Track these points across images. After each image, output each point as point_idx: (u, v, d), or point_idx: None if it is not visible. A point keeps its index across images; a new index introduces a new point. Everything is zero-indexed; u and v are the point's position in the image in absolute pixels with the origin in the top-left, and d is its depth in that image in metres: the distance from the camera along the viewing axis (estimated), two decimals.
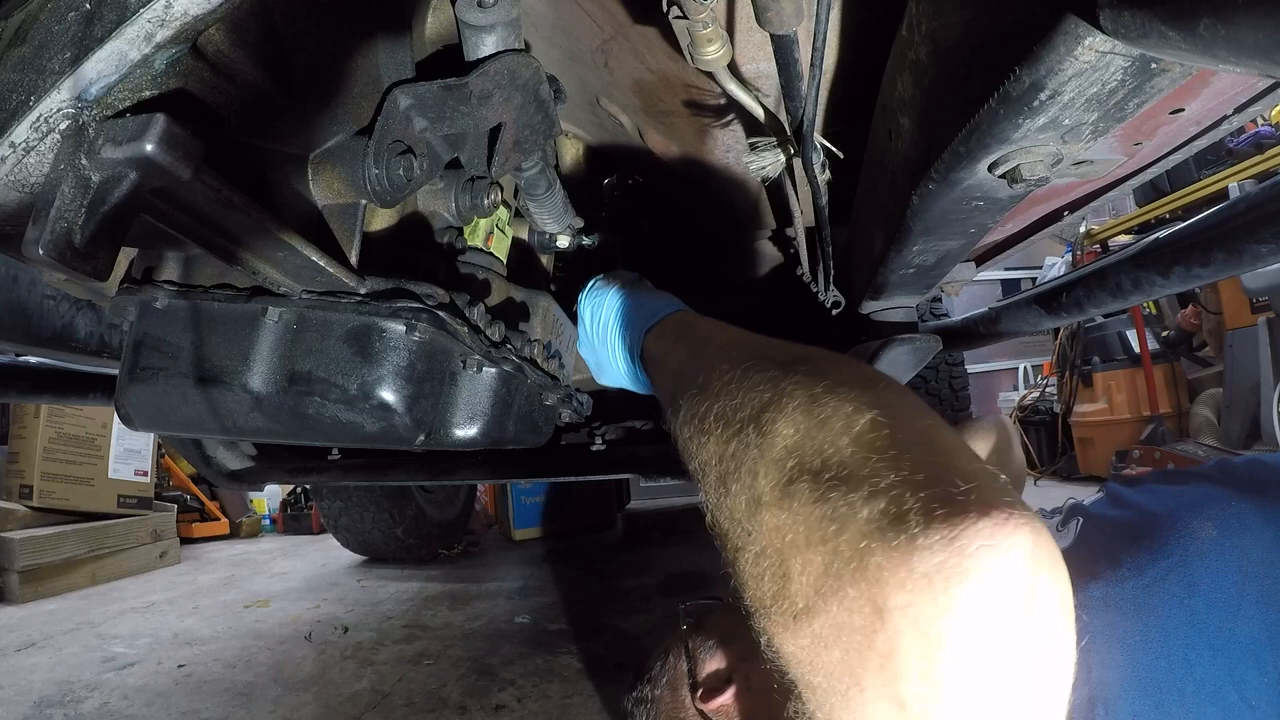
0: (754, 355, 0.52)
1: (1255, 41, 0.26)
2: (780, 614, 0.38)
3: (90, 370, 1.31)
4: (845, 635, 0.35)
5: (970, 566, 0.32)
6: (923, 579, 0.33)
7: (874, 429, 0.40)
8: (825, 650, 0.36)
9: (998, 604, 0.32)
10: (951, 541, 0.33)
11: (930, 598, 0.32)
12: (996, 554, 0.32)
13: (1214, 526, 0.69)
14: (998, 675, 0.33)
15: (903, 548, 0.34)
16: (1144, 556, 0.69)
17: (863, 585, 0.34)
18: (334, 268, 0.58)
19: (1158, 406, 4.24)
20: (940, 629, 0.32)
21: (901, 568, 0.33)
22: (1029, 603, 0.33)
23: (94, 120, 0.42)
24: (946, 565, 0.32)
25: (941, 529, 0.33)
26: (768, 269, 1.48)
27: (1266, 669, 0.60)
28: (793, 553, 0.38)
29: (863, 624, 0.34)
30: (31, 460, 2.98)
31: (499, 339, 0.72)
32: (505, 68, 0.65)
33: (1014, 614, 0.33)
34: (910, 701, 0.33)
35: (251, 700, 1.61)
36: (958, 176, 0.58)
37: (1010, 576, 0.33)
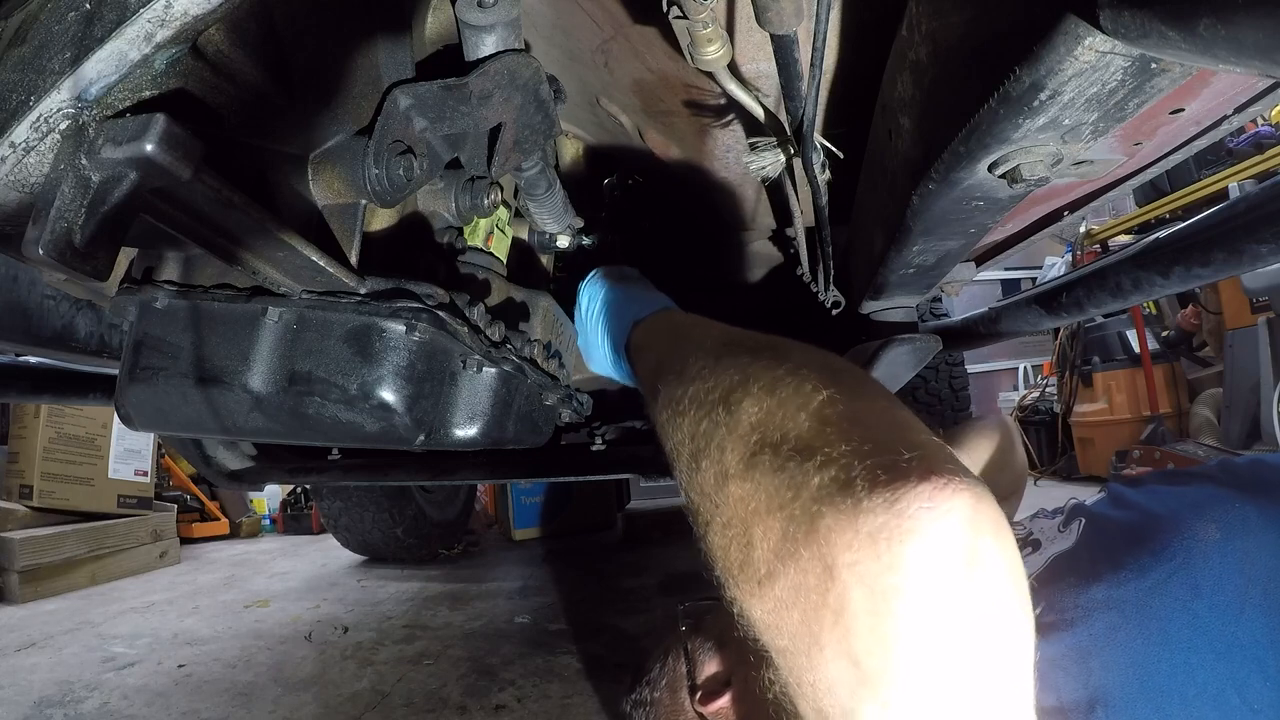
0: (727, 343, 0.55)
1: (1255, 41, 0.26)
2: (746, 581, 0.41)
3: (90, 370, 1.31)
4: (802, 595, 0.37)
5: (910, 527, 0.34)
6: (867, 538, 0.35)
7: (829, 405, 0.43)
8: (786, 612, 0.38)
9: (937, 563, 0.34)
10: (893, 504, 0.35)
11: (874, 555, 0.34)
12: (935, 516, 0.34)
13: (1217, 529, 0.68)
14: (941, 630, 0.34)
15: (849, 510, 0.36)
16: (1146, 558, 0.69)
17: (814, 546, 0.36)
18: (334, 268, 0.58)
19: (1158, 406, 4.24)
20: (884, 585, 0.34)
21: (848, 529, 0.35)
22: (969, 562, 0.35)
23: (94, 120, 0.42)
24: (888, 526, 0.35)
25: (884, 493, 0.35)
26: (768, 269, 1.48)
27: (1269, 672, 0.60)
28: (755, 520, 0.40)
29: (816, 583, 0.36)
30: (31, 460, 2.99)
31: (499, 339, 0.72)
32: (505, 68, 0.65)
33: (953, 572, 0.34)
34: (863, 657, 0.35)
35: (251, 700, 1.61)
36: (958, 176, 0.58)
37: (949, 537, 0.34)
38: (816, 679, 0.37)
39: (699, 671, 0.91)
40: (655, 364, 0.66)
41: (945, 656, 0.34)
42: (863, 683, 0.35)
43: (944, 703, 0.34)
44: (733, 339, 0.56)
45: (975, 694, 0.35)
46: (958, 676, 0.34)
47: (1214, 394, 4.10)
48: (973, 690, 0.35)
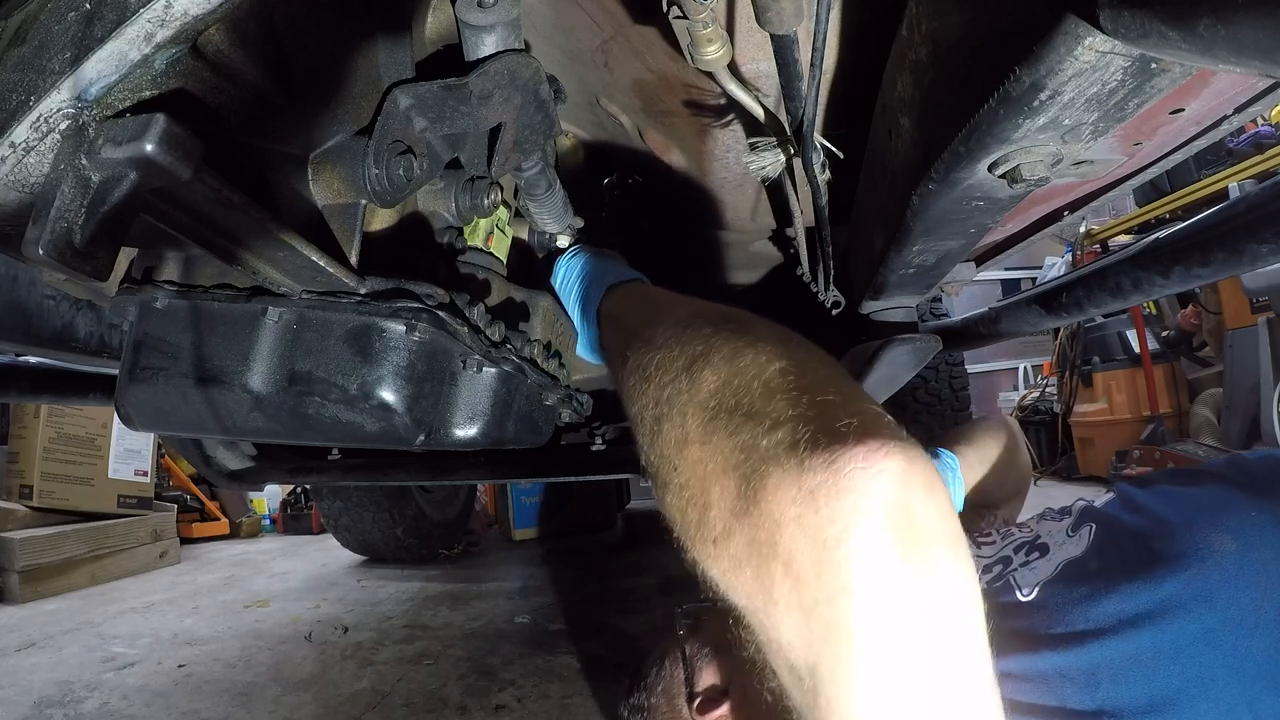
0: (694, 314, 0.58)
1: (1255, 41, 0.26)
2: (704, 541, 0.44)
3: (90, 370, 1.31)
4: (754, 550, 0.40)
5: (845, 485, 0.38)
6: (808, 494, 0.38)
7: (781, 375, 0.46)
8: (740, 570, 0.41)
9: (870, 516, 0.37)
10: (831, 464, 0.38)
11: (814, 509, 0.38)
12: (868, 475, 0.38)
13: (1233, 539, 0.67)
14: (880, 578, 0.37)
15: (794, 469, 0.39)
16: (1160, 569, 0.68)
17: (764, 503, 0.40)
18: (334, 268, 0.58)
19: (1158, 406, 4.24)
20: (825, 536, 0.37)
21: (793, 485, 0.39)
22: (901, 517, 0.38)
23: (94, 120, 0.42)
24: (826, 483, 0.38)
25: (824, 454, 0.39)
26: (768, 269, 1.48)
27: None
28: (712, 480, 0.43)
29: (766, 537, 0.39)
30: (31, 460, 2.98)
31: (499, 339, 0.72)
32: (505, 68, 0.65)
33: (884, 527, 0.37)
34: (811, 608, 0.37)
35: (251, 700, 1.61)
36: (958, 176, 0.58)
37: (880, 494, 0.38)
38: (779, 636, 0.39)
39: (697, 678, 0.90)
40: (625, 331, 0.68)
41: (888, 604, 0.36)
42: (816, 635, 0.37)
43: (893, 649, 0.36)
44: (700, 311, 0.58)
45: (920, 637, 0.37)
46: (901, 621, 0.36)
47: (1214, 394, 4.10)
48: (918, 634, 0.37)
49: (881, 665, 0.36)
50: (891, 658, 0.36)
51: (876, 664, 0.36)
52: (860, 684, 0.36)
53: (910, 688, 0.36)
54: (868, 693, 0.36)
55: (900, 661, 0.36)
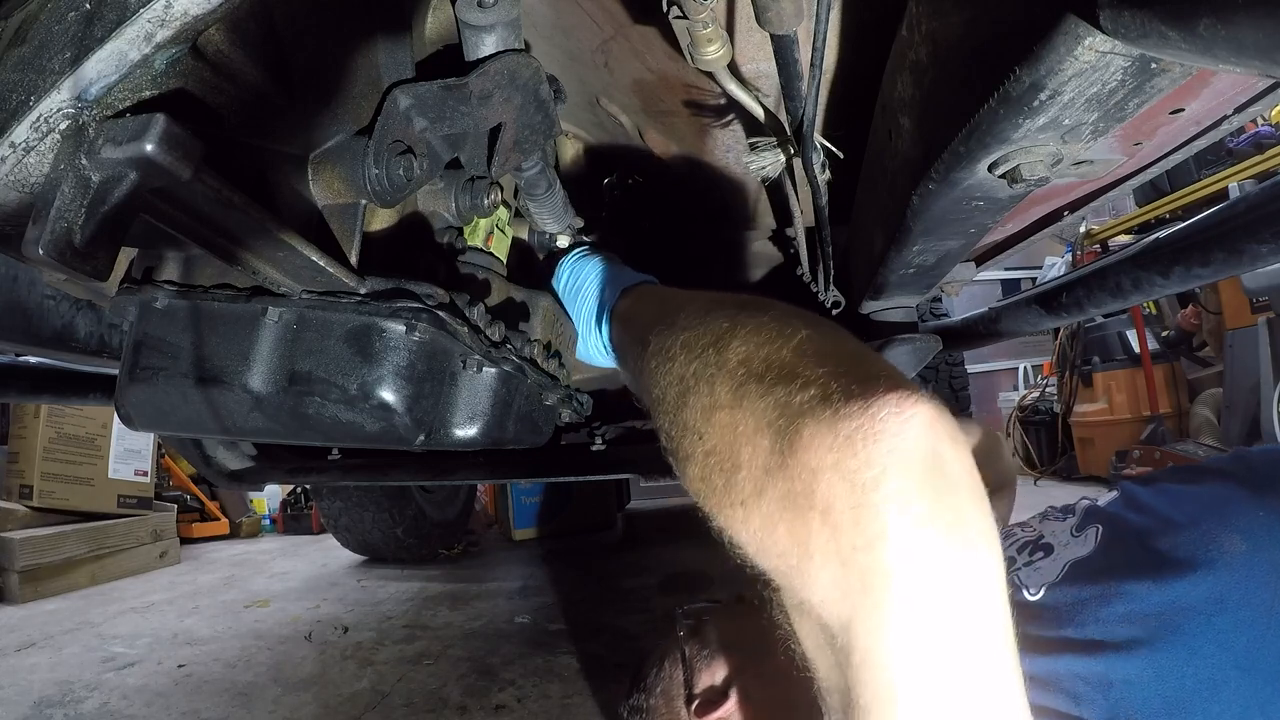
0: (714, 300, 0.60)
1: (1255, 41, 0.26)
2: (732, 504, 0.44)
3: (90, 370, 1.31)
4: (789, 504, 0.40)
5: (880, 429, 0.39)
6: (845, 439, 0.39)
7: (808, 341, 0.48)
8: (773, 528, 0.41)
9: (905, 460, 0.39)
10: (866, 410, 0.40)
11: (851, 453, 0.39)
12: (901, 420, 0.40)
13: (1242, 540, 0.67)
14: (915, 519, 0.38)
15: (828, 419, 0.41)
16: (1168, 571, 0.68)
17: (800, 453, 0.41)
18: (334, 268, 0.58)
19: (1158, 406, 4.24)
20: (863, 479, 0.38)
21: (829, 434, 0.40)
22: (934, 461, 0.39)
23: (94, 120, 0.42)
24: (862, 428, 0.39)
25: (858, 402, 0.40)
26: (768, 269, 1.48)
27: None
28: (742, 442, 0.44)
29: (803, 487, 0.40)
30: (31, 460, 2.98)
31: (499, 339, 0.72)
32: (505, 68, 0.65)
33: (920, 471, 0.39)
34: (849, 555, 0.38)
35: (251, 700, 1.61)
36: (958, 176, 0.58)
37: (913, 438, 0.39)
38: (812, 593, 0.40)
39: (696, 679, 0.90)
40: (642, 324, 0.68)
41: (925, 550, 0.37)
42: (853, 585, 0.38)
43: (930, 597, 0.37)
44: (720, 297, 0.60)
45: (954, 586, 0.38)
46: (937, 568, 0.37)
47: (1214, 394, 4.10)
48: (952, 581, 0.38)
49: (918, 613, 0.37)
50: (928, 606, 0.37)
51: (913, 612, 0.37)
52: (896, 631, 0.37)
53: (945, 636, 0.37)
54: (904, 641, 0.37)
55: (936, 610, 0.37)
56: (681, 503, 3.52)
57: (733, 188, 1.11)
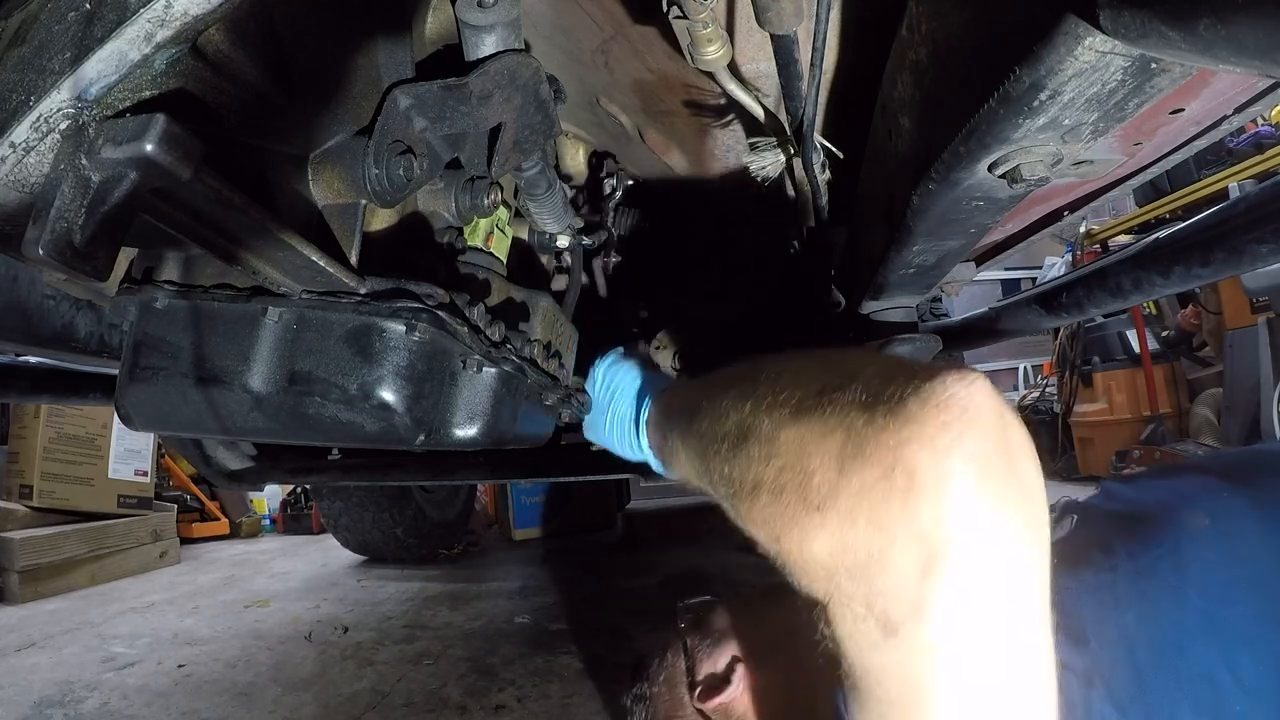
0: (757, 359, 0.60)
1: (1255, 41, 0.26)
2: (807, 512, 0.44)
3: (90, 370, 1.31)
4: (868, 491, 0.41)
5: (952, 394, 0.41)
6: (917, 410, 0.41)
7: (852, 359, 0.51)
8: (852, 523, 0.41)
9: (981, 420, 0.41)
10: (932, 383, 0.42)
11: (929, 420, 0.40)
12: (968, 387, 0.42)
13: (1206, 517, 0.70)
14: (993, 479, 0.40)
15: (899, 400, 0.42)
16: (1137, 545, 0.71)
17: (877, 436, 0.41)
18: (334, 268, 0.58)
19: (1158, 406, 4.24)
20: (944, 442, 0.40)
21: (901, 411, 0.41)
22: (1003, 422, 0.42)
23: (94, 120, 0.42)
24: (935, 397, 0.41)
25: (923, 380, 0.42)
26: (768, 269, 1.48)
27: (1260, 653, 0.61)
28: (813, 449, 0.45)
29: (881, 471, 0.40)
30: (31, 460, 2.98)
31: (499, 339, 0.72)
32: (505, 68, 0.65)
33: (995, 429, 0.41)
34: (930, 528, 0.39)
35: (251, 700, 1.61)
36: (958, 176, 0.58)
37: (983, 402, 0.42)
38: (887, 581, 0.40)
39: (698, 668, 0.92)
40: (683, 406, 0.70)
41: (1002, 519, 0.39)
42: (930, 562, 0.39)
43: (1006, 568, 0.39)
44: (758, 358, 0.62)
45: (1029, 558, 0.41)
46: (1015, 539, 0.40)
47: (1214, 394, 4.10)
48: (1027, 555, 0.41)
49: (991, 584, 0.39)
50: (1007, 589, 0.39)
51: (987, 583, 0.39)
52: (970, 606, 0.39)
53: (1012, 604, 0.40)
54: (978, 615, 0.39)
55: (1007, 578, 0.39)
56: (681, 503, 3.52)
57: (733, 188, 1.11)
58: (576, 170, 1.16)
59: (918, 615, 0.39)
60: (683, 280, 1.43)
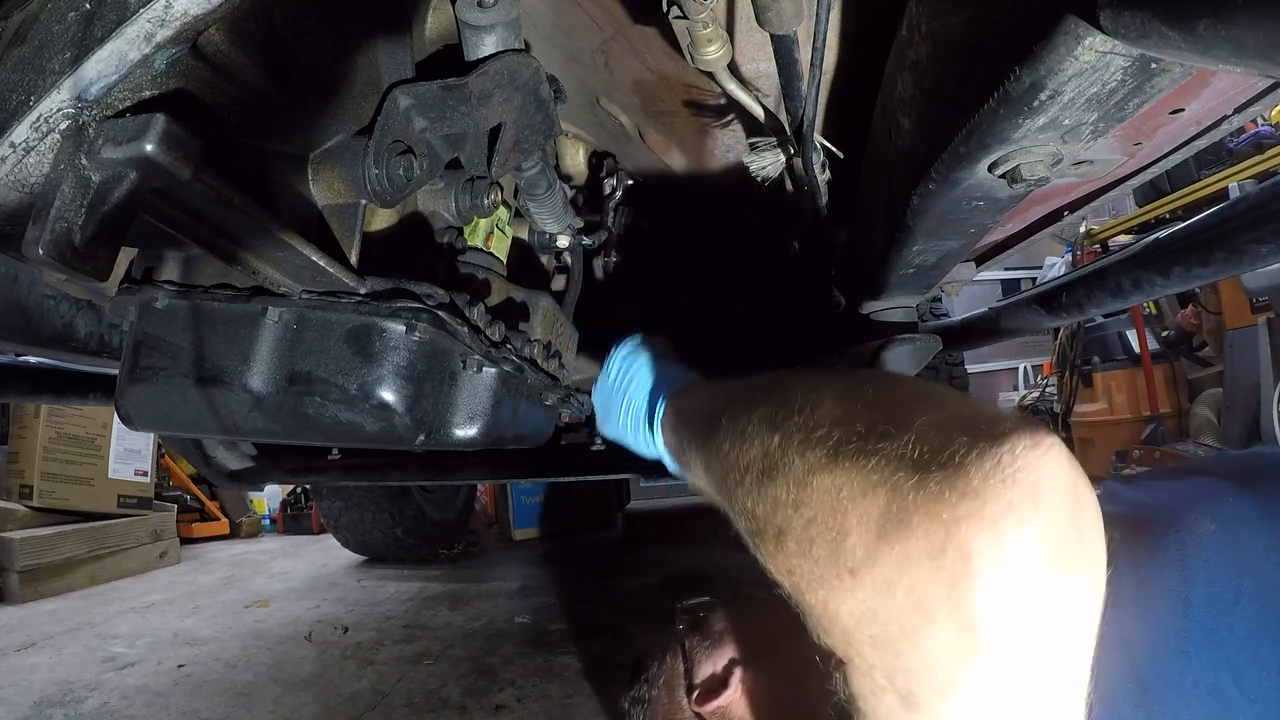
0: (782, 375, 0.55)
1: (1255, 41, 0.26)
2: (838, 574, 0.40)
3: (90, 370, 1.31)
4: (912, 565, 0.36)
5: (1021, 465, 0.36)
6: (981, 483, 0.36)
7: (907, 393, 0.45)
8: (889, 595, 0.37)
9: (1053, 496, 0.36)
10: (1000, 447, 0.36)
11: (994, 498, 0.35)
12: (1040, 454, 0.36)
13: (1211, 521, 0.68)
14: (1062, 562, 0.36)
15: (959, 464, 0.37)
16: (1140, 552, 0.69)
17: (928, 505, 0.36)
18: (334, 268, 0.58)
19: (1158, 406, 4.24)
20: (1008, 525, 0.35)
21: (961, 479, 0.36)
22: (1076, 498, 0.37)
23: (94, 120, 0.42)
24: (1001, 467, 0.36)
25: (987, 442, 0.37)
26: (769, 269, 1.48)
27: (1265, 662, 0.60)
28: (850, 505, 0.40)
29: (929, 547, 0.36)
30: (31, 460, 2.98)
31: (499, 339, 0.72)
32: (505, 68, 0.65)
33: (1067, 507, 0.36)
34: (980, 618, 0.35)
35: (251, 700, 1.61)
36: (958, 176, 0.58)
37: (1057, 473, 0.36)
38: (916, 661, 0.37)
39: (696, 670, 0.92)
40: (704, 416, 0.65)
41: (1063, 606, 0.36)
42: (971, 650, 0.35)
43: (1053, 655, 0.36)
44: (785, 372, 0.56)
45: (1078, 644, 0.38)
46: (1068, 627, 0.36)
47: (1214, 394, 4.09)
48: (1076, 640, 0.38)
49: (1039, 666, 0.36)
50: (1051, 656, 0.36)
51: (1036, 664, 0.36)
52: (1013, 687, 0.36)
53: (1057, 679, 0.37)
54: (1021, 695, 0.36)
55: (1056, 658, 0.36)
56: (681, 503, 3.52)
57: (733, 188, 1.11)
58: (576, 170, 1.16)
59: (946, 698, 0.36)
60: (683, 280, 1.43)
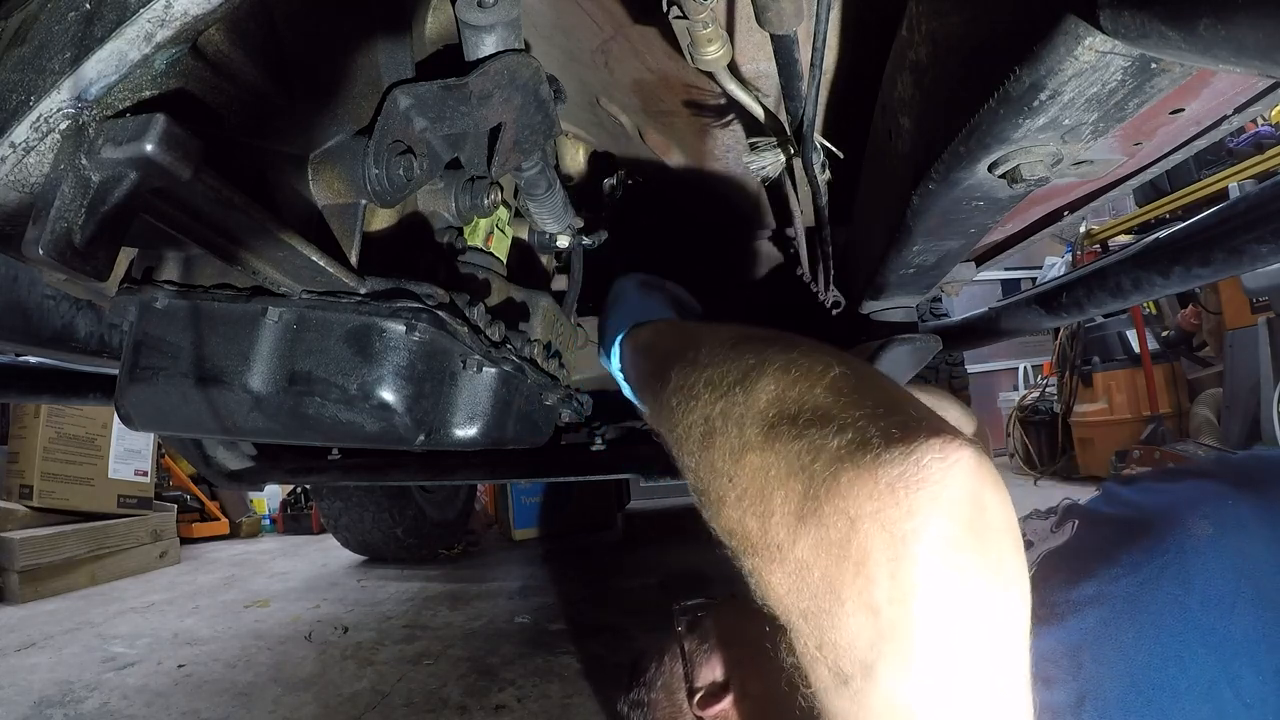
0: (739, 336, 0.57)
1: (1255, 41, 0.26)
2: (765, 548, 0.43)
3: (90, 370, 1.31)
4: (824, 551, 0.39)
5: (925, 476, 0.38)
6: (886, 488, 0.38)
7: (842, 380, 0.46)
8: (807, 574, 0.40)
9: (950, 507, 0.38)
10: (908, 456, 0.38)
11: (894, 503, 0.38)
12: (946, 466, 0.38)
13: (1210, 525, 0.68)
14: (954, 571, 0.37)
15: (869, 465, 0.39)
16: (1139, 554, 0.69)
17: (837, 500, 0.39)
18: (334, 268, 0.58)
19: (1158, 406, 4.24)
20: (904, 529, 0.37)
21: (869, 480, 0.38)
22: (977, 508, 0.38)
23: (94, 120, 0.42)
24: (905, 475, 0.38)
25: (900, 447, 0.39)
26: (768, 269, 1.48)
27: (1262, 667, 0.60)
28: (775, 486, 0.43)
29: (838, 536, 0.39)
30: (31, 460, 2.98)
31: (499, 339, 0.72)
32: (505, 68, 0.65)
33: (964, 516, 0.38)
34: (882, 605, 0.37)
35: (251, 700, 1.61)
36: (958, 176, 0.58)
37: (959, 485, 0.38)
38: (837, 637, 0.39)
39: (696, 674, 0.91)
40: (661, 356, 0.67)
41: (959, 605, 0.37)
42: (881, 634, 0.37)
43: (958, 651, 0.37)
44: (744, 333, 0.58)
45: (986, 642, 0.38)
46: (970, 625, 0.37)
47: (1214, 394, 4.09)
48: (983, 638, 0.38)
49: (946, 665, 0.37)
50: (958, 658, 0.37)
51: (942, 663, 0.37)
52: (921, 681, 0.37)
53: (970, 688, 0.37)
54: (928, 691, 0.37)
55: (965, 662, 0.37)
56: (682, 503, 3.51)
57: (733, 187, 1.11)
58: (576, 170, 1.16)
59: (868, 676, 0.38)
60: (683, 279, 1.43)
